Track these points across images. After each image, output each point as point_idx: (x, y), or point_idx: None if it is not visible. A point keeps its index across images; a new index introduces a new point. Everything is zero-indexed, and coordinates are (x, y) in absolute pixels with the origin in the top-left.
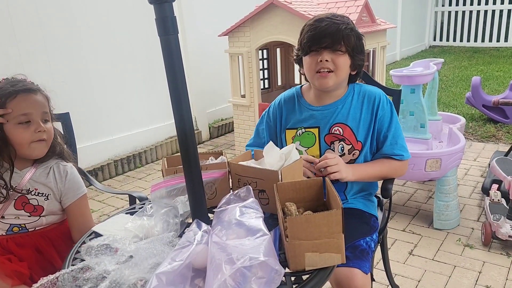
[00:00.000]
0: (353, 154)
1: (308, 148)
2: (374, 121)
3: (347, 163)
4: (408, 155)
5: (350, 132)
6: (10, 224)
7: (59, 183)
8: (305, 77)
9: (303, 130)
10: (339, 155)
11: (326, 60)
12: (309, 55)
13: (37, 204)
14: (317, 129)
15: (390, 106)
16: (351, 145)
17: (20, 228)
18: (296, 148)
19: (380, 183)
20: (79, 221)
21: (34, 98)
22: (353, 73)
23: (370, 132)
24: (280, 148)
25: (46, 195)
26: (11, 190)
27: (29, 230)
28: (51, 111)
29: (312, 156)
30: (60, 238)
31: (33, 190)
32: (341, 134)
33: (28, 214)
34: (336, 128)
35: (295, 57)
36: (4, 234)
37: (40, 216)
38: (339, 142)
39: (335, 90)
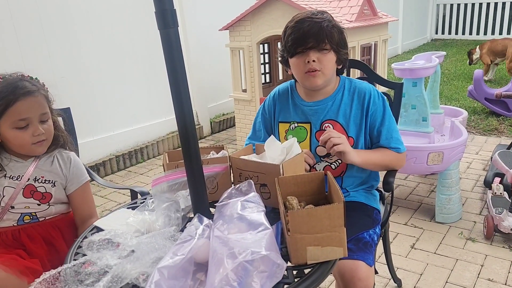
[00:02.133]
0: None
1: (299, 143)
2: (366, 117)
3: (338, 158)
4: (403, 148)
5: (340, 128)
6: (21, 213)
7: (64, 169)
8: (292, 76)
9: (296, 124)
10: None
11: (313, 61)
12: (295, 56)
13: (45, 191)
14: (309, 124)
15: (382, 101)
16: None
17: (31, 217)
18: None
19: (382, 177)
20: (82, 208)
21: (33, 101)
22: (339, 67)
23: (362, 128)
24: None
25: (53, 182)
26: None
27: (40, 219)
28: (51, 106)
29: None
30: (68, 228)
31: (40, 178)
32: None
33: (38, 202)
34: (326, 124)
35: (280, 59)
36: (16, 224)
37: (49, 205)
38: None
39: (325, 86)
